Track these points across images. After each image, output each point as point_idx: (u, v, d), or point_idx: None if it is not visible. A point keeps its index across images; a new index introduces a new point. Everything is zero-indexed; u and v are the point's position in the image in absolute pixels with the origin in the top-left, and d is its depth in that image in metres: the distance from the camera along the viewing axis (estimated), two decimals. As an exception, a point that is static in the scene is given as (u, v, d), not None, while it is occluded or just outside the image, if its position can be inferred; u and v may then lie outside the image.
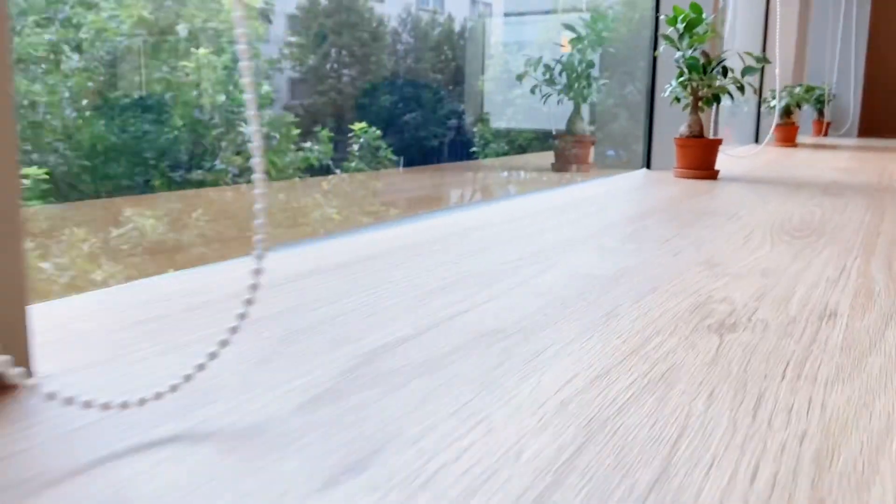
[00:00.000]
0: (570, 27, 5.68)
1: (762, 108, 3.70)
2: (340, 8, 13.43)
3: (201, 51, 5.84)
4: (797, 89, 3.60)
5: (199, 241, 4.23)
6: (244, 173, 6.11)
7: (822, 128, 4.74)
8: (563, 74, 5.39)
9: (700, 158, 2.05)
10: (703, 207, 1.50)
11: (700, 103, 2.04)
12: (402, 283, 0.83)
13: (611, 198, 1.63)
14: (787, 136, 3.63)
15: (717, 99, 2.01)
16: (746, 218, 1.38)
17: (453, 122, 12.02)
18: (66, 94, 5.85)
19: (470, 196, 6.17)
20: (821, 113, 4.79)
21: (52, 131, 5.72)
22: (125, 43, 6.05)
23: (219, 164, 6.16)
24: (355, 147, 7.00)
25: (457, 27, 14.93)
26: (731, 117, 3.88)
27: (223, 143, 6.16)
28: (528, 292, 0.80)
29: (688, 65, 1.99)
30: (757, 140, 3.83)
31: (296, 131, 7.10)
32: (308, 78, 12.43)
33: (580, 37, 5.64)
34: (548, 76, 5.44)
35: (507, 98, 9.26)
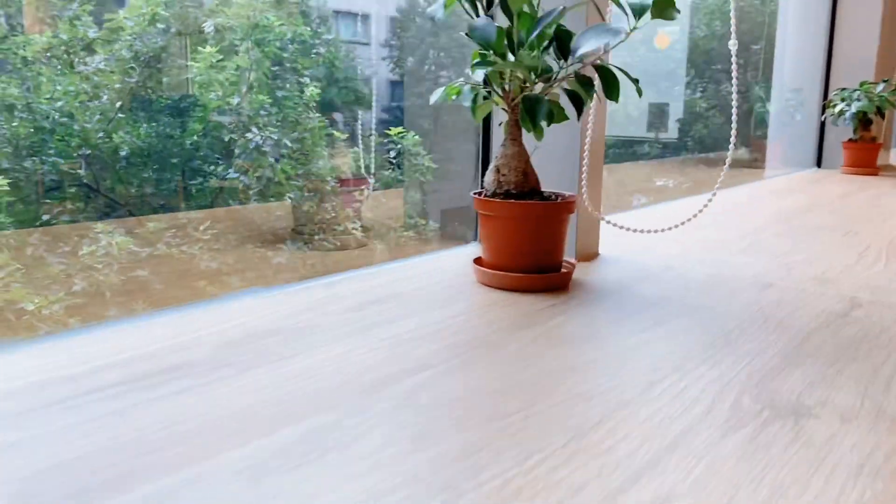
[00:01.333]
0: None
1: (826, 116, 2.32)
2: (440, 9, 12.60)
3: (207, 49, 4.97)
4: (879, 87, 2.20)
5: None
6: (255, 183, 5.21)
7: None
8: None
9: (518, 240, 0.84)
10: None
11: (519, 119, 0.82)
12: None
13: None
14: (862, 158, 2.24)
15: (532, 109, 0.78)
16: None
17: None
18: (79, 98, 5.16)
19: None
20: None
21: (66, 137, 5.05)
22: (142, 42, 5.28)
23: (232, 173, 5.30)
24: (392, 154, 5.95)
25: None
26: (782, 128, 2.51)
27: (236, 150, 5.30)
28: None
29: (474, 38, 0.78)
30: (819, 163, 2.44)
31: (341, 136, 6.16)
32: (407, 80, 11.68)
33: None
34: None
35: (583, 99, 7.88)
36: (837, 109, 2.21)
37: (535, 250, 0.84)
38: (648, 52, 7.69)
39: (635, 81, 0.78)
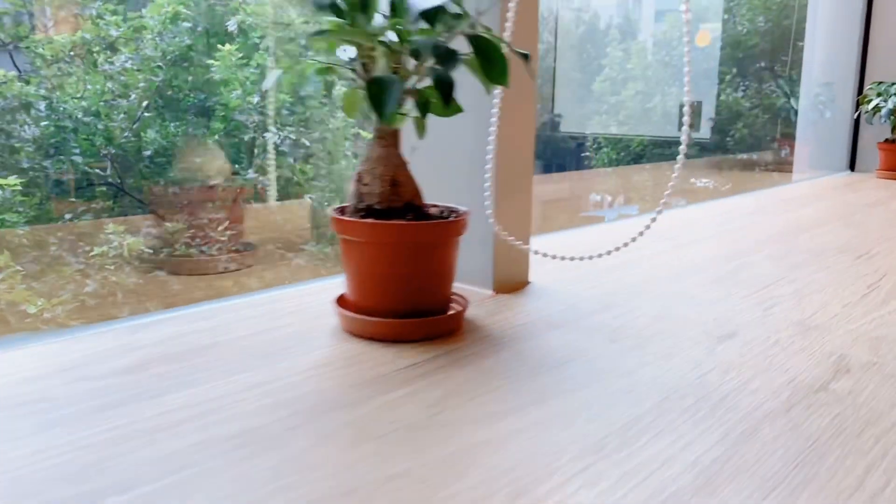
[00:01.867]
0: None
1: (860, 113, 2.04)
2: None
3: (227, 47, 4.84)
4: (921, 81, 1.91)
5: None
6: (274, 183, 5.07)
7: None
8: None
9: (383, 273, 0.62)
10: None
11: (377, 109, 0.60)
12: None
13: None
14: (899, 161, 1.96)
15: (377, 95, 0.56)
16: None
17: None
18: (103, 97, 5.09)
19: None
20: None
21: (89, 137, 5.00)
22: (164, 40, 5.19)
23: (250, 174, 5.18)
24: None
25: (602, 25, 13.49)
26: (810, 127, 2.22)
27: (255, 150, 5.17)
28: None
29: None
30: (853, 166, 2.15)
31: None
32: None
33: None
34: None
35: (619, 100, 7.58)
36: (872, 105, 1.92)
37: (406, 286, 0.62)
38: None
39: (524, 57, 0.56)
